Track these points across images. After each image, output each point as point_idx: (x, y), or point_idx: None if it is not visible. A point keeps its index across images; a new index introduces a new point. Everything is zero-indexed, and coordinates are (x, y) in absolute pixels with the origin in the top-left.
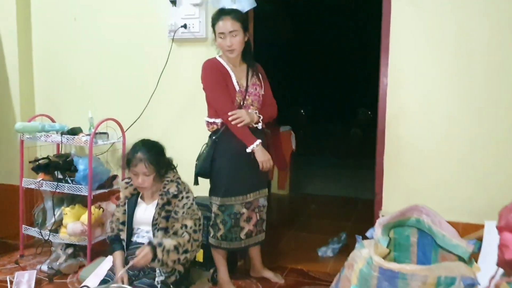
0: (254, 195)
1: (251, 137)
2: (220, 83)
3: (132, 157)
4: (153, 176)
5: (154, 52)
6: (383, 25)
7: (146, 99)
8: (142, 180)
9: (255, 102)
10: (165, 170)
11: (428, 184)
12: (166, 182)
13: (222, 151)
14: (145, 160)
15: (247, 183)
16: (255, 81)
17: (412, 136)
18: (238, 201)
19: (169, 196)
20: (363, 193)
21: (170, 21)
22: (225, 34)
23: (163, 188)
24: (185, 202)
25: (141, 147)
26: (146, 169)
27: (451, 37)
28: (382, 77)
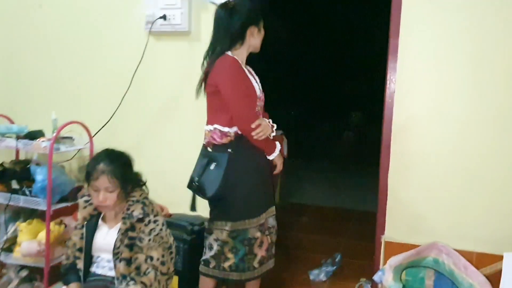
0: (266, 214)
1: (273, 143)
2: (245, 87)
3: (93, 169)
4: (118, 193)
5: (128, 46)
6: (392, 24)
7: (117, 99)
8: (103, 197)
9: (261, 109)
10: (131, 186)
11: (438, 207)
12: (131, 203)
13: (242, 167)
14: (109, 173)
15: (260, 201)
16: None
17: (421, 152)
18: (253, 224)
19: (133, 220)
20: (358, 204)
21: (148, 11)
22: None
23: (126, 210)
24: (152, 227)
25: (104, 158)
26: (109, 183)
27: (469, 38)
28: (389, 83)
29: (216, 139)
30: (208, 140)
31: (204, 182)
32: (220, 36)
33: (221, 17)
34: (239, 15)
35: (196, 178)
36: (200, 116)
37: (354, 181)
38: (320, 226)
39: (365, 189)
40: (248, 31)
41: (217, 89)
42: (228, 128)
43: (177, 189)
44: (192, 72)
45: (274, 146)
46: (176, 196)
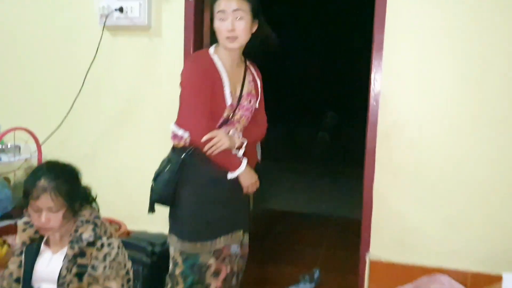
0: (226, 239)
1: (235, 159)
2: (205, 91)
3: (32, 186)
4: (63, 213)
5: (80, 42)
6: (376, 17)
7: (68, 103)
8: (46, 219)
9: (243, 119)
10: (79, 203)
11: (429, 220)
12: (79, 224)
13: (192, 175)
14: (52, 190)
15: (219, 223)
16: (251, 90)
17: (409, 159)
18: (205, 249)
19: (82, 244)
20: (336, 209)
21: (102, 2)
22: (226, 14)
23: (74, 232)
24: (106, 251)
25: (45, 172)
26: (52, 202)
27: (463, 30)
28: (373, 83)
29: (172, 140)
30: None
31: (157, 184)
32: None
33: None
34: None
35: (154, 176)
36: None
37: (331, 184)
38: (297, 235)
39: (343, 193)
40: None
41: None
42: (184, 131)
43: (136, 202)
44: (153, 72)
45: (236, 162)
46: (135, 210)
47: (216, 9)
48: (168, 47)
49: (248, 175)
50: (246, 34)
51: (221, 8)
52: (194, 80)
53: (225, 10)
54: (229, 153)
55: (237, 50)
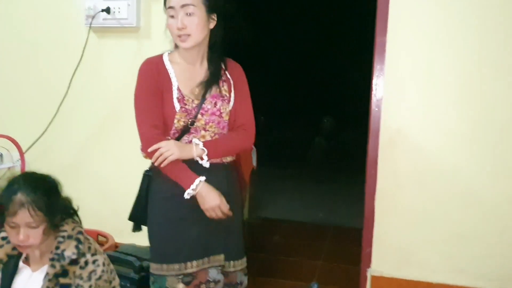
0: (200, 263)
1: (186, 174)
2: (149, 94)
3: (8, 201)
4: (43, 229)
5: (65, 45)
6: (379, 19)
7: (53, 108)
8: (25, 236)
9: (211, 125)
10: (60, 217)
11: (433, 234)
12: (60, 240)
13: (155, 193)
14: (30, 205)
15: (190, 243)
16: (217, 91)
17: (413, 170)
18: (172, 272)
19: (65, 262)
20: (334, 217)
21: (88, 3)
22: (175, 10)
23: (55, 249)
24: (91, 269)
25: (22, 186)
26: (31, 218)
27: (470, 37)
28: (375, 89)
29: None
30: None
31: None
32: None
33: None
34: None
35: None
36: None
37: (328, 190)
38: (294, 244)
39: (340, 200)
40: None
41: None
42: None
43: (123, 214)
44: None
45: (187, 178)
46: (122, 222)
47: (166, 5)
48: (158, 49)
49: (206, 195)
50: (200, 31)
51: (171, 3)
52: (142, 88)
53: (174, 6)
54: (180, 166)
55: (195, 49)
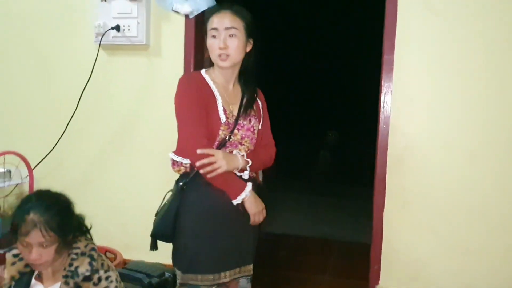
0: (232, 273)
1: (237, 183)
2: (199, 110)
3: (21, 220)
4: (56, 247)
5: (75, 62)
6: (386, 36)
7: (62, 125)
8: (37, 255)
9: (246, 140)
10: (72, 235)
11: (441, 250)
12: (74, 257)
13: (191, 204)
14: (43, 225)
15: (224, 254)
16: (251, 111)
17: (421, 186)
18: (207, 282)
19: (78, 279)
20: (339, 232)
21: (97, 21)
22: (219, 32)
23: (68, 266)
24: (104, 286)
25: (35, 205)
26: (43, 238)
27: (477, 54)
28: (383, 106)
29: (172, 168)
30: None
31: (157, 217)
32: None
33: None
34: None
35: (158, 210)
36: (160, 145)
37: (333, 204)
38: (300, 260)
39: (346, 214)
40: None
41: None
42: (182, 157)
43: (132, 230)
44: (152, 93)
45: (237, 186)
46: (131, 239)
47: (209, 26)
48: (167, 67)
49: (253, 201)
50: (239, 52)
51: (214, 25)
52: (188, 100)
53: (217, 28)
54: (230, 175)
55: (230, 69)
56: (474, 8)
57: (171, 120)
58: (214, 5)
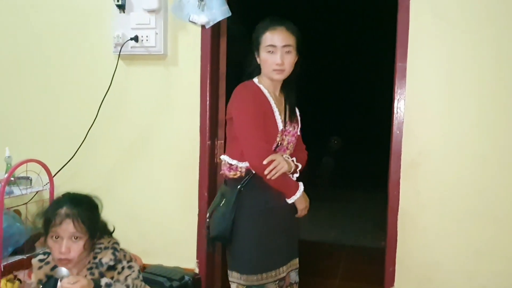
0: (287, 267)
1: (293, 183)
2: (261, 117)
3: (54, 214)
4: (84, 242)
5: (94, 72)
6: (399, 45)
7: (82, 134)
8: (67, 248)
9: (290, 145)
10: (99, 234)
11: (456, 254)
12: (98, 251)
13: (249, 207)
14: (75, 216)
15: (280, 251)
16: (293, 117)
17: (435, 190)
18: (271, 279)
19: (103, 269)
20: (346, 236)
21: (116, 31)
22: (276, 48)
23: (93, 259)
24: (127, 273)
25: (67, 201)
26: (75, 229)
27: (493, 58)
28: (396, 111)
29: (225, 172)
30: (222, 172)
31: (214, 220)
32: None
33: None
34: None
35: (208, 214)
36: (177, 152)
37: (338, 210)
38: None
39: (351, 219)
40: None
41: (231, 118)
42: (238, 161)
43: (151, 236)
44: (169, 102)
45: (295, 187)
46: (150, 245)
47: (265, 42)
48: (184, 76)
49: (304, 198)
50: (291, 67)
51: (272, 42)
52: (249, 108)
53: (276, 45)
54: (287, 177)
55: (280, 81)
56: (486, 15)
57: (187, 127)
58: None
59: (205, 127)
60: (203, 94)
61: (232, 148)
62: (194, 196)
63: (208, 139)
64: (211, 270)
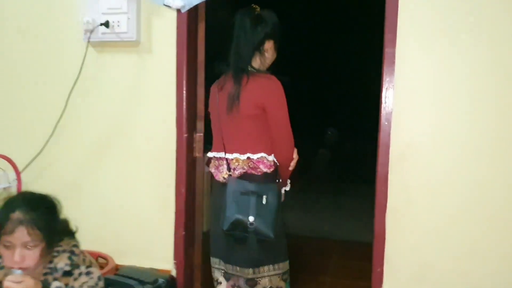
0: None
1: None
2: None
3: (5, 219)
4: (41, 250)
5: (62, 60)
6: (387, 28)
7: (50, 127)
8: (21, 257)
9: None
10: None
11: (447, 252)
12: (55, 254)
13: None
14: (28, 223)
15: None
16: None
17: (425, 184)
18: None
19: (57, 275)
20: (339, 231)
21: (86, 17)
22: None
23: (49, 263)
24: (84, 280)
25: (21, 204)
26: (29, 237)
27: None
28: (384, 101)
29: (262, 169)
30: (246, 171)
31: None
32: (241, 47)
33: (243, 24)
34: (264, 24)
35: (252, 219)
36: (153, 146)
37: (333, 202)
38: (299, 261)
39: (345, 212)
40: (267, 44)
41: (262, 112)
42: (271, 156)
43: (125, 235)
44: (143, 91)
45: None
46: (124, 244)
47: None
48: (159, 64)
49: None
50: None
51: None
52: (285, 101)
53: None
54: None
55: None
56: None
57: (162, 119)
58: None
59: (182, 119)
60: (179, 84)
61: (263, 144)
62: (171, 193)
63: (186, 132)
64: (189, 272)
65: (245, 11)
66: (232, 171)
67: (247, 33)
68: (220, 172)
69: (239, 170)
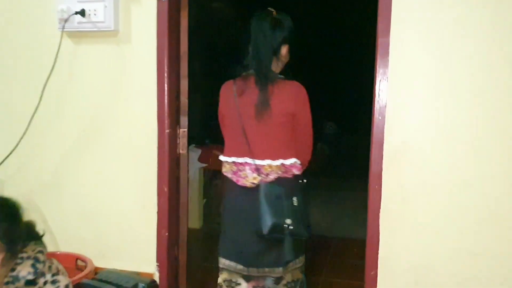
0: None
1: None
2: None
3: None
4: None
5: (36, 51)
6: (380, 16)
7: (24, 121)
8: None
9: None
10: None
11: (445, 254)
12: (19, 261)
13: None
14: None
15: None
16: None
17: (421, 183)
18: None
19: (20, 284)
20: (337, 228)
21: (61, 5)
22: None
23: (11, 272)
24: None
25: None
26: None
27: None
28: (378, 94)
29: (295, 172)
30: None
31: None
32: (261, 51)
33: (262, 28)
34: (282, 28)
35: (289, 221)
36: (134, 142)
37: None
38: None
39: (343, 208)
40: (284, 49)
41: (291, 119)
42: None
43: (106, 236)
44: (122, 84)
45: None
46: (104, 246)
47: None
48: (139, 55)
49: None
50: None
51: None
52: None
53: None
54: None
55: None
56: None
57: (142, 112)
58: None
59: (163, 113)
60: (160, 76)
61: (290, 149)
62: (153, 191)
63: (168, 127)
64: (173, 274)
65: (262, 14)
66: (264, 176)
67: (267, 37)
68: (243, 178)
69: (273, 175)
